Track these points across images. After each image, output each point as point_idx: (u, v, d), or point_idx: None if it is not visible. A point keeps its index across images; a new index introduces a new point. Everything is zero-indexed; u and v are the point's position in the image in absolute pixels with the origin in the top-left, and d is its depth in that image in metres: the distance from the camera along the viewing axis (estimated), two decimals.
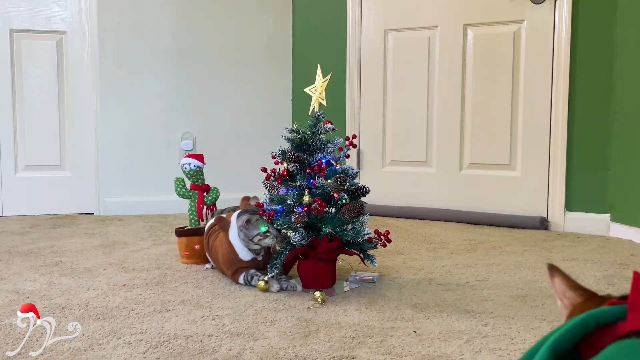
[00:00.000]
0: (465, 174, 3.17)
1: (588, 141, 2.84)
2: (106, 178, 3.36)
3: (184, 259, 2.23)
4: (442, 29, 3.17)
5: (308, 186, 1.87)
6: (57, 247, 2.50)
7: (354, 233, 1.85)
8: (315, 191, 1.86)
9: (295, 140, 1.92)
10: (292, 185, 1.91)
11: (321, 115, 1.94)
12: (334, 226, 1.84)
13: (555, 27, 2.87)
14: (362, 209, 1.84)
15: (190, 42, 3.46)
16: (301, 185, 1.88)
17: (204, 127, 3.51)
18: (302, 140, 1.91)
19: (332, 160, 1.90)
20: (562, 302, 0.70)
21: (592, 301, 0.67)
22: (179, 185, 2.24)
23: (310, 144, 1.91)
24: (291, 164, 1.89)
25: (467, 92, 3.13)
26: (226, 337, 1.47)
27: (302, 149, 1.92)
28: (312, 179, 1.88)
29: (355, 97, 3.40)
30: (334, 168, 1.89)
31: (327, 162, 1.88)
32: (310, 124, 1.93)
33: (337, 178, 1.81)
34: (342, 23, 3.41)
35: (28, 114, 3.30)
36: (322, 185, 1.85)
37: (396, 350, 1.39)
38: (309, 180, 1.88)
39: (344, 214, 1.84)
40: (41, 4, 3.27)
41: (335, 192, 1.84)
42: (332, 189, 1.83)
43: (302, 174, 1.89)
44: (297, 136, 1.91)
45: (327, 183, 1.83)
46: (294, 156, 1.88)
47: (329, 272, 1.91)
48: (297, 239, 1.82)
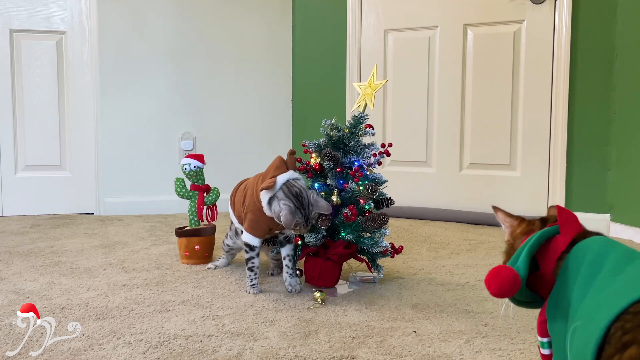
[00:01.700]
0: (465, 174, 3.17)
1: (588, 141, 2.84)
2: (106, 178, 3.36)
3: (184, 259, 2.23)
4: (442, 29, 3.17)
5: (338, 187, 1.85)
6: (57, 247, 2.50)
7: (370, 242, 1.85)
8: (345, 195, 1.84)
9: (334, 138, 1.89)
10: (322, 181, 1.89)
11: (363, 117, 1.90)
12: (354, 233, 1.83)
13: (555, 27, 2.87)
14: (385, 222, 1.83)
15: (190, 42, 3.46)
16: (331, 185, 1.86)
17: (204, 127, 3.51)
18: (339, 139, 1.88)
19: (364, 165, 1.87)
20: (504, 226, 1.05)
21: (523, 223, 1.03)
22: (178, 186, 2.24)
23: (347, 144, 1.88)
24: (326, 162, 1.85)
25: (467, 92, 3.13)
26: (226, 337, 1.47)
27: (338, 147, 1.89)
28: (342, 179, 1.85)
29: (355, 97, 3.39)
30: (365, 173, 1.87)
31: (359, 166, 1.85)
32: (351, 124, 1.89)
33: (369, 186, 1.79)
34: (342, 23, 3.41)
35: (28, 114, 3.30)
36: (352, 190, 1.83)
37: (396, 351, 1.39)
38: (338, 181, 1.85)
39: (366, 222, 1.82)
40: (41, 4, 3.27)
41: (363, 199, 1.82)
42: (361, 196, 1.81)
43: (333, 173, 1.86)
44: (336, 134, 1.88)
45: (358, 189, 1.81)
46: (330, 154, 1.84)
47: (335, 272, 1.91)
48: (312, 240, 1.82)
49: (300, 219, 1.69)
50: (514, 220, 1.03)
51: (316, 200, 1.72)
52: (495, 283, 0.88)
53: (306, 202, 1.70)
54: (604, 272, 0.81)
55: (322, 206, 1.72)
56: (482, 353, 1.38)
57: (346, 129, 1.89)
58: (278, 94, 3.65)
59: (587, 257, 0.84)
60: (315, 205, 1.71)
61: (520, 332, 1.52)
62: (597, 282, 0.80)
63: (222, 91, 3.53)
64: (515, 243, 0.99)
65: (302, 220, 1.69)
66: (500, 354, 1.37)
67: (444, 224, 3.03)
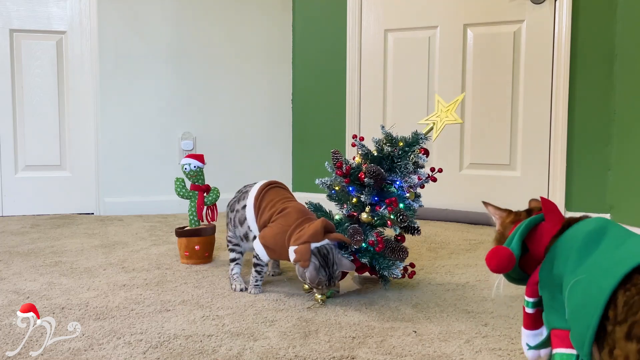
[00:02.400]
0: (465, 174, 3.17)
1: (588, 141, 2.84)
2: (106, 178, 3.37)
3: (184, 259, 2.23)
4: (442, 29, 3.17)
5: (371, 204, 1.80)
6: (57, 247, 2.50)
7: (384, 265, 1.81)
8: (374, 215, 1.79)
9: (385, 152, 1.81)
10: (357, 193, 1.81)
11: (423, 139, 1.82)
12: (372, 258, 1.81)
13: (555, 27, 2.87)
14: (404, 258, 1.81)
15: (190, 41, 3.46)
16: (365, 202, 1.80)
17: (204, 127, 3.51)
18: (388, 155, 1.81)
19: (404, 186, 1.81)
20: (495, 218, 1.18)
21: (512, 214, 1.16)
22: (178, 186, 2.24)
23: (395, 162, 1.80)
24: (368, 178, 1.77)
25: (467, 92, 3.13)
26: (226, 337, 1.47)
27: (385, 161, 1.81)
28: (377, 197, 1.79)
29: (355, 97, 3.40)
30: (404, 194, 1.80)
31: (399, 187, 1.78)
32: (407, 142, 1.81)
33: (400, 215, 1.73)
34: (342, 23, 3.41)
35: (28, 114, 3.30)
36: (382, 215, 1.78)
37: (396, 350, 1.39)
38: (373, 197, 1.80)
39: (385, 250, 1.79)
40: (41, 4, 3.27)
41: (391, 223, 1.77)
42: (390, 220, 1.76)
43: (370, 189, 1.79)
44: (388, 149, 1.81)
45: (389, 217, 1.76)
46: (374, 173, 1.76)
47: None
48: None
49: (324, 277, 1.69)
50: (503, 212, 1.17)
51: (340, 260, 1.72)
52: (495, 260, 1.04)
53: (331, 262, 1.70)
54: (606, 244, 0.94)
55: (346, 265, 1.73)
56: (482, 353, 1.38)
57: (400, 142, 1.81)
58: (278, 94, 3.65)
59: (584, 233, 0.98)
60: (339, 264, 1.71)
61: (520, 332, 1.51)
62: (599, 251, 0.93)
63: (222, 91, 3.53)
64: (505, 231, 1.14)
65: (326, 279, 1.69)
66: (500, 354, 1.37)
67: (444, 224, 3.03)
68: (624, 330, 0.81)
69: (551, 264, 1.00)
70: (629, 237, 0.96)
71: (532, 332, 1.07)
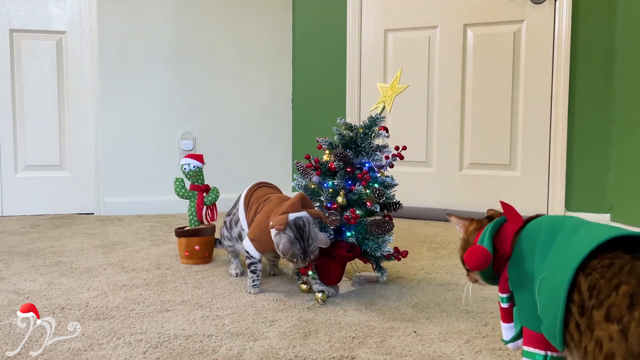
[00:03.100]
0: (465, 174, 3.17)
1: (588, 141, 2.84)
2: (106, 178, 3.37)
3: (183, 259, 2.23)
4: (442, 29, 3.17)
5: (345, 187, 1.84)
6: (57, 247, 2.50)
7: (374, 246, 1.84)
8: (351, 197, 1.83)
9: (346, 137, 1.88)
10: (329, 180, 1.87)
11: (380, 119, 1.89)
12: (358, 233, 1.83)
13: (555, 27, 2.87)
14: (390, 229, 1.82)
15: (190, 41, 3.46)
16: (338, 185, 1.85)
17: (204, 127, 3.51)
18: (352, 139, 1.87)
19: (374, 167, 1.86)
20: (459, 227, 1.24)
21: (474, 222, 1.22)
22: (178, 186, 2.24)
23: (360, 144, 1.87)
24: (336, 161, 1.84)
25: (467, 92, 3.13)
26: (226, 337, 1.47)
27: (350, 147, 1.88)
28: (351, 180, 1.84)
29: (355, 97, 3.40)
30: (375, 175, 1.86)
31: (369, 168, 1.84)
32: (366, 125, 1.88)
33: (376, 191, 1.77)
34: (342, 23, 3.41)
35: (28, 114, 3.30)
36: (359, 193, 1.82)
37: (396, 351, 1.39)
38: (346, 181, 1.84)
39: (371, 227, 1.82)
40: (41, 4, 3.27)
41: (370, 201, 1.82)
42: (368, 199, 1.80)
43: (342, 173, 1.85)
44: (348, 133, 1.88)
45: (365, 192, 1.80)
46: (341, 154, 1.83)
47: (339, 271, 1.91)
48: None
49: (298, 250, 1.69)
50: (466, 221, 1.23)
51: (316, 234, 1.73)
52: (473, 258, 1.11)
53: (307, 235, 1.71)
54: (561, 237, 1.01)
55: (321, 240, 1.73)
56: (482, 353, 1.38)
57: (360, 128, 1.88)
58: (278, 94, 3.65)
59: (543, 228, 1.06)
60: (314, 239, 1.72)
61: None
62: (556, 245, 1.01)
63: (222, 91, 3.53)
64: (469, 239, 1.19)
65: (300, 252, 1.70)
66: (500, 354, 1.37)
67: (444, 224, 3.03)
68: (602, 313, 0.86)
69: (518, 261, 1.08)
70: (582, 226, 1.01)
71: (510, 324, 1.15)
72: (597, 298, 0.87)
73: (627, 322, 0.81)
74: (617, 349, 0.81)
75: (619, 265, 0.88)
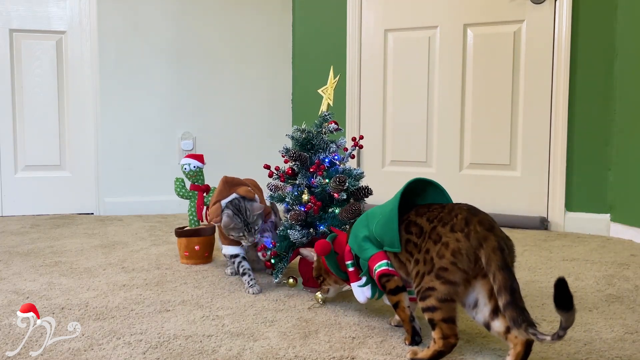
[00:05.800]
0: (465, 174, 3.17)
1: (588, 141, 2.84)
2: (106, 178, 3.36)
3: (183, 259, 2.23)
4: (442, 29, 3.17)
5: (308, 185, 1.89)
6: (57, 247, 2.50)
7: None
8: (315, 190, 1.87)
9: (299, 139, 1.94)
10: (292, 183, 1.93)
11: (328, 116, 1.96)
12: (332, 225, 1.84)
13: (555, 27, 2.87)
14: (358, 211, 1.83)
15: (190, 42, 3.46)
16: (301, 184, 1.90)
17: (204, 127, 3.51)
18: (306, 140, 1.93)
19: (335, 160, 1.91)
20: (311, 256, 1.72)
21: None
22: (178, 186, 2.24)
23: (314, 143, 1.93)
24: (293, 162, 1.92)
25: (467, 92, 3.13)
26: (226, 337, 1.47)
27: (307, 148, 1.94)
28: (313, 178, 1.89)
29: (355, 97, 3.40)
30: (337, 168, 1.90)
31: (329, 161, 1.89)
32: (316, 124, 1.95)
33: (337, 178, 1.81)
34: (342, 23, 3.41)
35: (28, 114, 3.30)
36: (320, 185, 1.86)
37: (396, 351, 1.39)
38: (309, 179, 1.89)
39: (341, 214, 1.84)
40: (41, 4, 3.27)
41: (335, 192, 1.84)
42: (332, 189, 1.84)
43: (303, 173, 1.90)
44: (301, 135, 1.94)
45: (326, 182, 1.85)
46: (295, 155, 1.90)
47: None
48: (296, 237, 1.84)
49: (239, 222, 1.87)
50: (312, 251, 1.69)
51: (251, 205, 1.91)
52: (319, 246, 1.59)
53: (244, 208, 1.89)
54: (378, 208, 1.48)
55: (255, 207, 1.91)
56: (482, 353, 1.38)
57: (312, 128, 1.95)
58: (278, 93, 3.65)
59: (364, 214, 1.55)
60: (251, 209, 1.89)
61: None
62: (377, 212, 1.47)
63: (222, 91, 3.53)
64: (319, 262, 1.67)
65: (242, 224, 1.87)
66: (500, 354, 1.37)
67: None
68: (447, 229, 1.26)
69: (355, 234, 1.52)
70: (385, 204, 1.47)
71: (357, 282, 1.54)
72: (440, 222, 1.28)
73: (467, 231, 1.23)
74: (463, 245, 1.23)
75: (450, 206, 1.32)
